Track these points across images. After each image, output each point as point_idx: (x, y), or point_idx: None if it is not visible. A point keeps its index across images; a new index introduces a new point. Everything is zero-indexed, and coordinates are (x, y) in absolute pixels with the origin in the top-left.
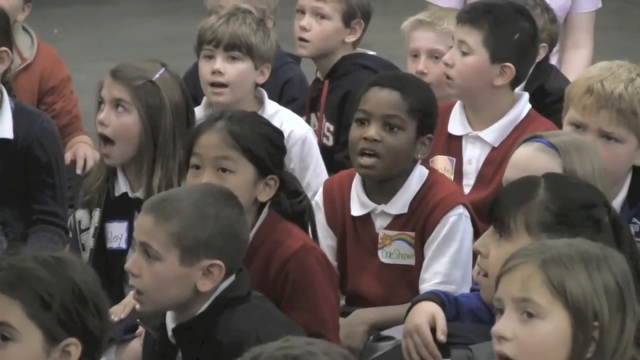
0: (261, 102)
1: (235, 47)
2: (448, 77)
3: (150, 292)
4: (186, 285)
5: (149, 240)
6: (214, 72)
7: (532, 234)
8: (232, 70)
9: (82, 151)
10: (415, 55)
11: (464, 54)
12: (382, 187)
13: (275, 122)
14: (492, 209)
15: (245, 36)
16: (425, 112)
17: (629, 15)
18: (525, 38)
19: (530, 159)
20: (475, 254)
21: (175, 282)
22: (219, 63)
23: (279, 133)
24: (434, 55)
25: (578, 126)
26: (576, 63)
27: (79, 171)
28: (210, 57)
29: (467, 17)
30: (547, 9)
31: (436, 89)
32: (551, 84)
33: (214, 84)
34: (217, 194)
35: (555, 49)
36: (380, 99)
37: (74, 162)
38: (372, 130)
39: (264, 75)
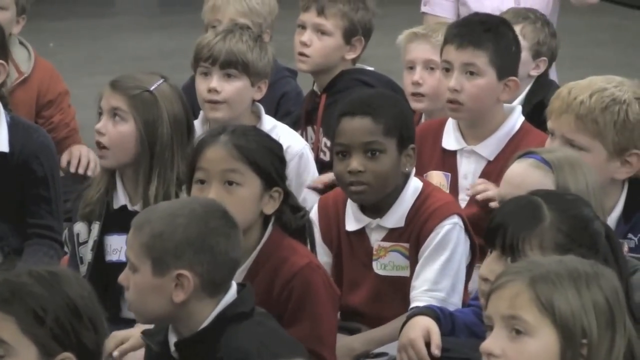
0: (258, 117)
1: (232, 65)
2: (455, 103)
3: (135, 303)
4: (162, 297)
5: (128, 252)
6: (210, 91)
7: (545, 255)
8: (229, 88)
9: (78, 150)
10: (411, 67)
11: (472, 76)
12: (376, 202)
13: None
14: (496, 235)
15: (242, 54)
16: (401, 126)
17: (626, 30)
18: (517, 48)
19: (524, 175)
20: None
21: (152, 292)
22: (215, 81)
23: (280, 146)
24: (430, 66)
25: (552, 133)
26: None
27: (72, 170)
28: (207, 74)
29: (467, 39)
30: (547, 23)
31: (431, 100)
32: (550, 98)
33: (210, 101)
34: (197, 206)
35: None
36: (355, 128)
37: (69, 164)
38: (355, 162)
39: (262, 91)
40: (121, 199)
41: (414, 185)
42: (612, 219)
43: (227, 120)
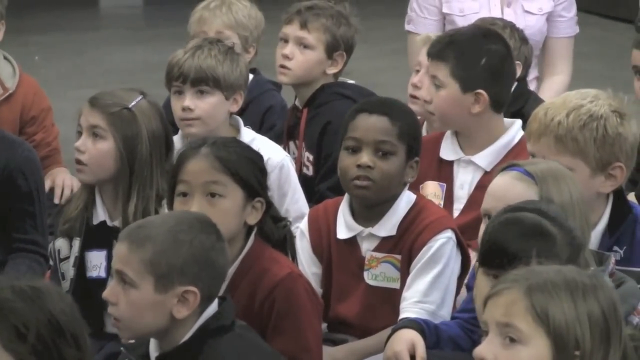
0: (237, 130)
1: (203, 82)
2: (430, 113)
3: (127, 319)
4: (162, 313)
5: (123, 267)
6: (184, 109)
7: None
8: (202, 104)
9: (61, 179)
10: (418, 70)
11: (437, 88)
12: (369, 210)
13: None
14: (515, 265)
15: (211, 69)
16: (412, 136)
17: (611, 42)
18: (493, 61)
19: (507, 188)
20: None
21: (151, 309)
22: (188, 100)
23: (260, 156)
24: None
25: (533, 155)
26: (551, 90)
27: (56, 200)
28: (180, 93)
29: (433, 51)
30: (516, 29)
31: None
32: (530, 109)
33: (185, 119)
34: (193, 220)
35: (534, 75)
36: (370, 125)
37: (52, 191)
38: (365, 157)
39: (237, 103)
40: (100, 214)
41: (407, 196)
42: (597, 232)
43: (203, 135)
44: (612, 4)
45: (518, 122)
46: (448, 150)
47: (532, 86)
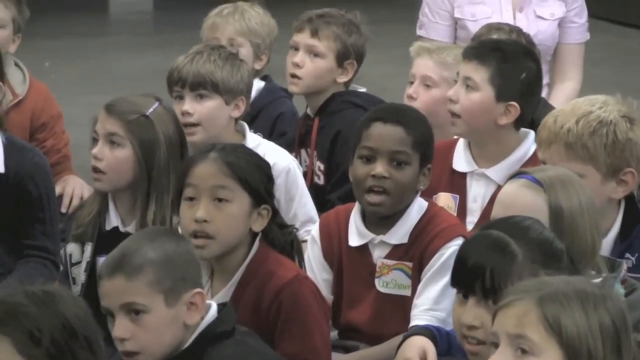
0: (243, 136)
1: (201, 86)
2: (453, 114)
3: (147, 347)
4: (177, 326)
5: (130, 298)
6: (183, 114)
7: None
8: (201, 109)
9: (71, 187)
10: (412, 82)
11: (469, 90)
12: (381, 218)
13: None
14: (474, 281)
15: (210, 73)
16: (426, 144)
17: (620, 48)
18: (531, 78)
19: (515, 196)
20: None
21: (168, 326)
22: (187, 104)
23: (268, 164)
24: (426, 83)
25: (543, 163)
26: (562, 96)
27: (63, 209)
28: (181, 98)
29: (474, 53)
30: (522, 33)
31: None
32: (540, 115)
33: (185, 125)
34: (158, 232)
35: (545, 82)
36: (385, 134)
37: (61, 197)
38: (380, 167)
39: (239, 108)
40: (113, 220)
41: (419, 203)
42: (608, 239)
43: (205, 142)
44: (622, 10)
45: (531, 135)
46: (461, 161)
47: (542, 92)
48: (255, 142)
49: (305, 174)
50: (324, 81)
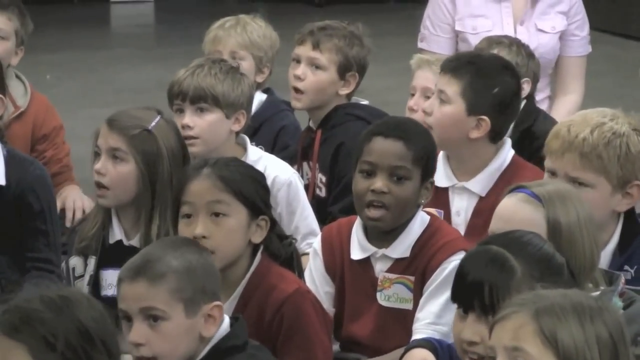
0: (244, 149)
1: (201, 99)
2: (427, 127)
3: (162, 354)
4: (193, 337)
5: (150, 303)
6: (183, 127)
7: None
8: (201, 122)
9: (72, 201)
10: (413, 94)
11: (442, 103)
12: (383, 232)
13: (259, 168)
14: (473, 297)
15: (210, 87)
16: (428, 158)
17: (622, 60)
18: (505, 93)
19: (514, 210)
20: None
21: (185, 335)
22: (187, 117)
23: (262, 175)
24: (426, 95)
25: (553, 173)
26: (563, 109)
27: (68, 224)
28: (181, 111)
29: (450, 66)
30: (522, 45)
31: None
32: (539, 127)
33: (186, 137)
34: (185, 241)
35: (546, 94)
36: (385, 150)
37: (63, 211)
38: (380, 182)
39: (240, 122)
40: (117, 233)
41: (421, 217)
42: (607, 252)
43: (205, 154)
44: (624, 22)
45: (508, 142)
46: (441, 176)
47: (543, 105)
48: (257, 155)
49: (307, 187)
50: (326, 94)
